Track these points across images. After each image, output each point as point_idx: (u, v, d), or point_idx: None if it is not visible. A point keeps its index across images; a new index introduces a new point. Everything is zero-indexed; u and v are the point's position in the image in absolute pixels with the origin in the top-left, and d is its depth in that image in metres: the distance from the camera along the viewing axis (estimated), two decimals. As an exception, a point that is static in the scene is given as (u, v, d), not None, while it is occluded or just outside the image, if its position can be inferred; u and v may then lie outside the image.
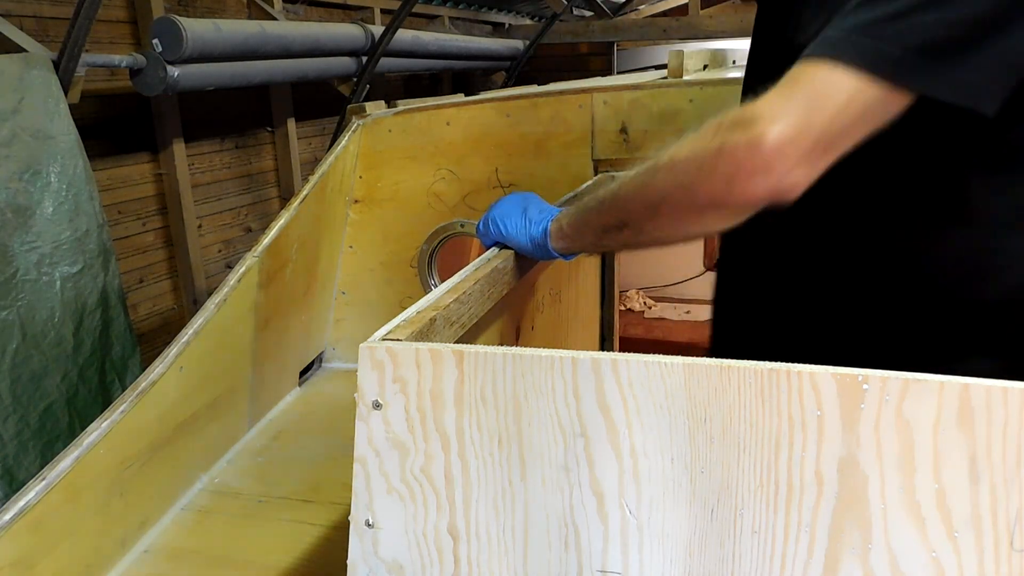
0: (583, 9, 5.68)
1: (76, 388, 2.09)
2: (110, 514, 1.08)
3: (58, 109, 2.12)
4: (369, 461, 0.69)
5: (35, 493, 0.95)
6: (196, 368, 1.25)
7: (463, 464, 0.67)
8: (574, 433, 0.64)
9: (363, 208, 1.78)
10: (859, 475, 0.58)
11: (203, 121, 3.19)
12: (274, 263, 1.46)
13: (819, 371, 0.57)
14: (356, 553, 0.71)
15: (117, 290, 2.25)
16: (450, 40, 4.48)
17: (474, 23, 5.31)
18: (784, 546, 0.60)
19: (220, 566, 1.12)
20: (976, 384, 0.54)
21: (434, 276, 1.74)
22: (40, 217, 2.04)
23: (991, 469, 0.55)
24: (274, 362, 1.55)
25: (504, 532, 0.67)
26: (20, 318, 1.95)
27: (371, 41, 3.59)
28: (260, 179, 3.63)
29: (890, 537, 0.58)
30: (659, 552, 0.63)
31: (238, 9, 3.34)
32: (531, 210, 0.99)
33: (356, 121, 1.74)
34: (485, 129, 1.69)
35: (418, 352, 0.66)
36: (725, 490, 0.61)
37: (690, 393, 0.60)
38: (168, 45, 2.48)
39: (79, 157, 2.15)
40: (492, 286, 0.97)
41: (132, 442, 1.12)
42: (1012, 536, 0.56)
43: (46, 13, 2.48)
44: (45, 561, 0.97)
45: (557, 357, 0.63)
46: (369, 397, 0.68)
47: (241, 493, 1.29)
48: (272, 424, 1.53)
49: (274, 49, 2.96)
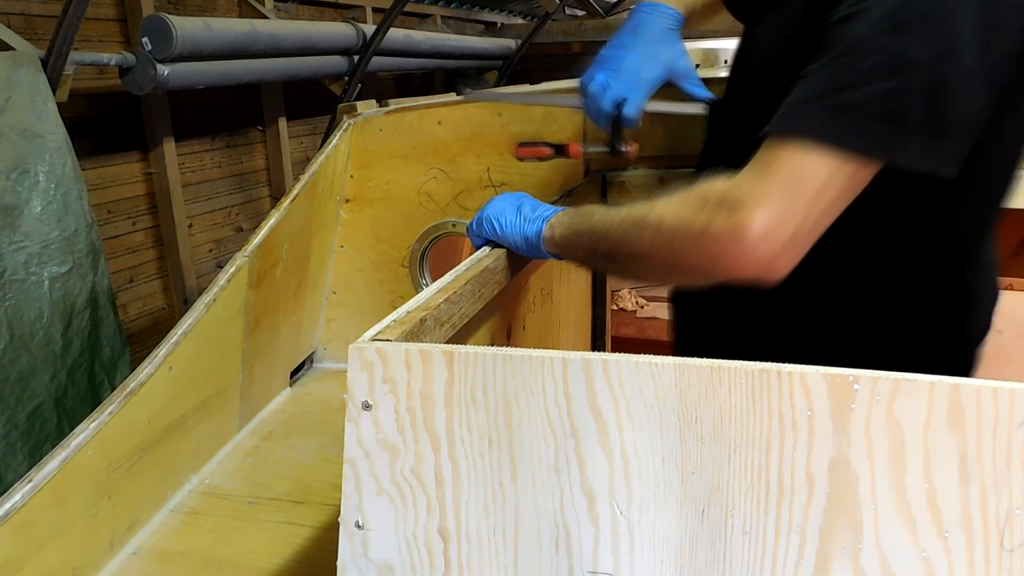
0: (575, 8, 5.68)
1: (65, 389, 2.07)
2: (98, 516, 1.07)
3: (46, 107, 2.11)
4: (359, 462, 0.69)
5: (21, 495, 0.94)
6: (186, 368, 1.24)
7: (453, 465, 0.67)
8: (565, 434, 0.63)
9: (354, 207, 1.78)
10: (850, 475, 0.58)
11: (193, 120, 3.17)
12: (264, 263, 1.46)
13: (810, 371, 0.57)
14: (346, 555, 0.71)
15: (106, 290, 2.24)
16: (442, 39, 4.47)
17: (466, 22, 5.30)
18: (775, 546, 0.60)
19: (210, 568, 1.11)
20: (966, 384, 0.55)
21: (426, 276, 1.73)
22: (28, 216, 2.03)
23: (981, 469, 0.55)
24: (264, 362, 1.54)
25: (495, 533, 0.67)
26: (8, 318, 1.93)
27: (363, 40, 3.57)
28: (251, 178, 3.62)
29: (881, 537, 0.58)
30: (650, 553, 0.63)
31: (229, 7, 3.32)
32: (525, 208, 0.99)
33: (347, 120, 1.74)
34: (477, 129, 1.68)
35: (408, 352, 0.66)
36: (716, 491, 0.61)
37: (681, 393, 0.60)
38: (158, 43, 2.46)
39: (68, 156, 2.13)
40: (483, 286, 0.96)
41: (121, 443, 1.11)
42: (1002, 536, 0.56)
43: (34, 11, 2.47)
44: (31, 564, 0.96)
45: (548, 357, 0.63)
46: (359, 398, 0.68)
47: (231, 494, 1.28)
48: (263, 425, 1.52)
49: (265, 48, 2.95)
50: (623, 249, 0.83)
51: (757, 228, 0.70)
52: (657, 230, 0.78)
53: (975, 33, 0.69)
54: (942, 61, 0.68)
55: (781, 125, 0.73)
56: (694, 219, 0.75)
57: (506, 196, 1.03)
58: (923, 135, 0.69)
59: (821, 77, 0.72)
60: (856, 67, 0.70)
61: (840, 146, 0.70)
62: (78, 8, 2.13)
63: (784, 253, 0.71)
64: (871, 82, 0.69)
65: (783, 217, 0.70)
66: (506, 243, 1.01)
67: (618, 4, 5.62)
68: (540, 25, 5.17)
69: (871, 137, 0.69)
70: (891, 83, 0.69)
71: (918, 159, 0.70)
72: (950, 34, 0.69)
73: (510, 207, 1.00)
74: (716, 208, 0.73)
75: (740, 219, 0.71)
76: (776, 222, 0.70)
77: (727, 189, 0.73)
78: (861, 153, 0.70)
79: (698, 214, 0.74)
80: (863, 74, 0.69)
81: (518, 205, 1.00)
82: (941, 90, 0.69)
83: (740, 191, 0.72)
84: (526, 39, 5.24)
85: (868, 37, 0.70)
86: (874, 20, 0.70)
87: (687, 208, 0.76)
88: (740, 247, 0.71)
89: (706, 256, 0.74)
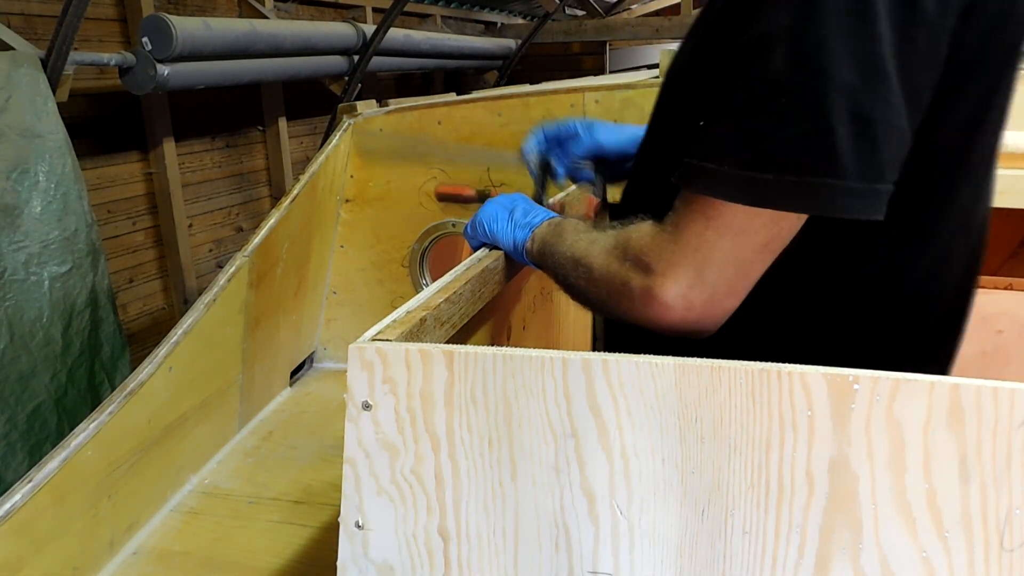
0: (575, 8, 5.68)
1: (65, 389, 2.07)
2: (98, 516, 1.07)
3: (46, 107, 2.11)
4: (359, 462, 0.69)
5: (21, 495, 0.94)
6: (186, 368, 1.24)
7: (453, 465, 0.67)
8: (565, 434, 0.63)
9: (354, 207, 1.78)
10: (850, 475, 0.57)
11: (193, 120, 3.17)
12: (265, 263, 1.46)
13: (809, 371, 0.57)
14: (346, 555, 0.71)
15: (106, 290, 2.24)
16: (442, 39, 4.47)
17: (466, 22, 5.30)
18: (775, 546, 0.60)
19: (209, 568, 1.11)
20: (966, 384, 0.55)
21: (425, 275, 1.73)
22: (28, 216, 2.03)
23: (981, 469, 0.55)
24: (264, 362, 1.54)
25: (495, 533, 0.67)
26: (8, 318, 1.93)
27: (363, 40, 3.57)
28: (251, 178, 3.62)
29: (881, 537, 0.58)
30: (650, 553, 0.63)
31: (229, 7, 3.32)
32: (517, 213, 0.99)
33: (347, 120, 1.74)
34: (477, 129, 1.68)
35: (408, 352, 0.66)
36: (716, 490, 0.61)
37: (681, 393, 0.60)
38: (158, 43, 2.46)
39: (68, 156, 2.13)
40: (483, 286, 0.96)
41: (121, 443, 1.11)
42: (1002, 536, 0.56)
43: (34, 11, 2.47)
44: (32, 564, 0.96)
45: (547, 357, 0.63)
46: (359, 398, 0.68)
47: (231, 494, 1.28)
48: (263, 425, 1.52)
49: (265, 48, 2.95)
50: (570, 283, 0.83)
51: (667, 297, 0.68)
52: (589, 275, 0.78)
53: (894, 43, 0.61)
54: (863, 91, 0.61)
55: (691, 182, 0.68)
56: (616, 272, 0.74)
57: (501, 199, 1.02)
58: (854, 180, 0.62)
59: (732, 123, 0.65)
60: (769, 109, 0.62)
61: (756, 205, 0.64)
62: (78, 8, 2.13)
63: (705, 313, 0.69)
64: (786, 126, 0.62)
65: (692, 284, 0.68)
66: (500, 247, 1.01)
67: (618, 4, 5.62)
68: (540, 25, 5.17)
69: (791, 193, 0.62)
70: (808, 125, 0.61)
71: (850, 208, 0.63)
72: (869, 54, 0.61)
73: (503, 211, 1.00)
74: (632, 267, 0.72)
75: (650, 284, 0.69)
76: (684, 291, 0.68)
77: (642, 247, 0.71)
78: (780, 208, 0.64)
79: (620, 267, 0.73)
80: (776, 117, 0.62)
81: (511, 209, 0.99)
82: (865, 128, 0.61)
83: (652, 254, 0.70)
84: (526, 39, 5.24)
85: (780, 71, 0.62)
86: (788, 51, 0.62)
87: (611, 258, 0.75)
88: (655, 310, 0.70)
89: (628, 310, 0.73)
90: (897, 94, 0.62)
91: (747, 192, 0.64)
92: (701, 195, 0.67)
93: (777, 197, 0.63)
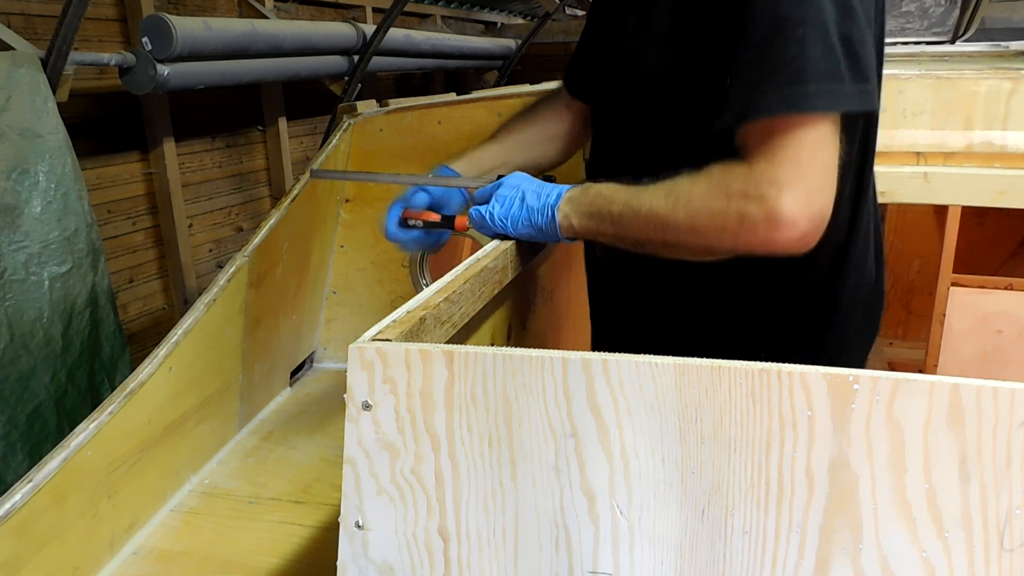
0: (575, 8, 5.67)
1: (65, 389, 2.07)
2: (98, 516, 1.07)
3: (46, 107, 2.10)
4: (359, 462, 0.69)
5: (21, 495, 0.94)
6: (186, 368, 1.24)
7: (453, 465, 0.67)
8: (565, 434, 0.63)
9: (354, 207, 1.78)
10: (850, 475, 0.57)
11: (193, 120, 3.17)
12: (264, 263, 1.46)
13: (809, 371, 0.57)
14: (346, 555, 0.71)
15: (106, 290, 2.24)
16: (442, 39, 4.47)
17: (466, 22, 5.30)
18: (775, 546, 0.60)
19: (209, 568, 1.11)
20: (966, 384, 0.55)
21: (425, 276, 1.73)
22: (28, 216, 2.02)
23: (981, 469, 0.55)
24: (264, 362, 1.54)
25: (495, 533, 0.67)
26: (8, 318, 1.93)
27: (363, 40, 3.57)
28: (251, 178, 3.61)
29: (881, 537, 0.58)
30: (650, 553, 0.63)
31: (229, 7, 3.32)
32: (529, 197, 0.99)
33: (347, 120, 1.74)
34: (477, 129, 1.68)
35: (408, 352, 0.66)
36: (716, 490, 0.61)
37: (681, 393, 0.60)
38: (158, 43, 2.46)
39: (68, 156, 2.13)
40: (483, 285, 0.96)
41: (120, 443, 1.11)
42: (1002, 536, 0.56)
43: (34, 11, 2.46)
44: (32, 564, 0.96)
45: (547, 357, 0.63)
46: (359, 398, 0.68)
47: (231, 494, 1.28)
48: (263, 425, 1.52)
49: (265, 47, 2.95)
50: (651, 237, 0.90)
51: (789, 211, 0.77)
52: (692, 225, 0.85)
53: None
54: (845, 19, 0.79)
55: (758, 111, 0.79)
56: (725, 210, 0.81)
57: (506, 186, 1.02)
58: (855, 84, 0.80)
59: (768, 59, 0.79)
60: (792, 40, 0.78)
61: (822, 111, 0.78)
62: (78, 8, 2.13)
63: (817, 223, 0.79)
64: (809, 50, 0.78)
65: (807, 193, 0.77)
66: (518, 237, 1.01)
67: (618, 4, 5.60)
68: (540, 25, 5.17)
69: (831, 97, 0.79)
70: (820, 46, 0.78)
71: (863, 103, 0.81)
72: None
73: (515, 201, 1.00)
74: (744, 200, 0.80)
75: (770, 207, 0.78)
76: (803, 200, 0.77)
77: (745, 181, 0.80)
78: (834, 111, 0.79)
79: (728, 205, 0.81)
80: (799, 45, 0.78)
81: (521, 196, 1.00)
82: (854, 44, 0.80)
83: (760, 181, 0.79)
84: (526, 39, 5.24)
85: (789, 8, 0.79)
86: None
87: (711, 201, 0.83)
88: (776, 230, 0.78)
89: (743, 244, 0.81)
90: (862, 22, 0.82)
91: (810, 102, 0.78)
92: (777, 116, 0.78)
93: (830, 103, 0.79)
